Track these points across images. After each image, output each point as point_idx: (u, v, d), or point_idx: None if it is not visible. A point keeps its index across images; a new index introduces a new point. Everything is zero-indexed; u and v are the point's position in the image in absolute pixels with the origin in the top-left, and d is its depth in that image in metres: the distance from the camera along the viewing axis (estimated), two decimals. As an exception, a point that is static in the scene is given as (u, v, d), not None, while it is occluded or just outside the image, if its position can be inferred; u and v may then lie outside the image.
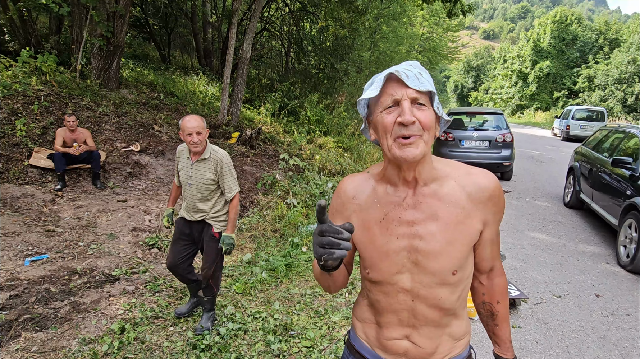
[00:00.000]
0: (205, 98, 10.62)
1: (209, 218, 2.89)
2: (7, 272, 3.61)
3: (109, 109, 7.74)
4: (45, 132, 6.49)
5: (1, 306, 3.05)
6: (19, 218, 4.78)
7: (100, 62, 8.34)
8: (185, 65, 15.75)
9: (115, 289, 3.53)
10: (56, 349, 2.68)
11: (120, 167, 6.57)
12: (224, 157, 2.82)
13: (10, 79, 7.09)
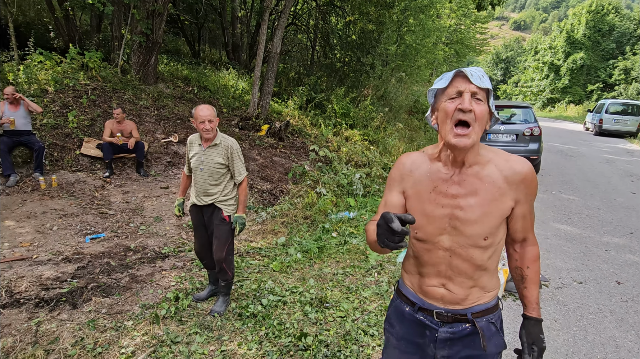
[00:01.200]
0: (236, 92, 11.01)
1: (218, 201, 3.10)
2: (72, 247, 4.07)
3: (149, 102, 8.22)
4: (93, 123, 7.01)
5: (72, 275, 3.49)
6: (75, 201, 5.27)
7: (139, 57, 8.82)
8: (215, 59, 16.23)
9: (166, 264, 3.93)
10: (122, 312, 3.08)
11: (160, 157, 7.02)
12: (234, 143, 3.09)
13: (60, 75, 7.65)
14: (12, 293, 3.18)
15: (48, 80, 7.35)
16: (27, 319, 2.88)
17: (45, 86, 7.26)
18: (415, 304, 1.46)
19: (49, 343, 2.67)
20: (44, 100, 6.91)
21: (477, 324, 1.38)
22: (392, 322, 1.55)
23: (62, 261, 3.75)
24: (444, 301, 1.40)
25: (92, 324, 2.87)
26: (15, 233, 4.26)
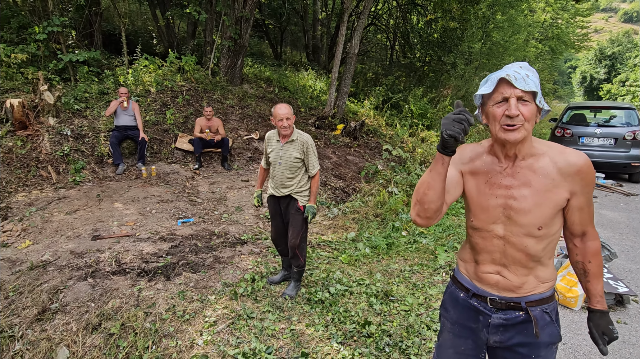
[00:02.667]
0: (314, 92, 11.39)
1: (294, 192, 3.33)
2: (167, 229, 4.62)
3: (234, 102, 8.87)
4: (187, 120, 7.77)
5: (167, 252, 3.98)
6: (170, 189, 5.93)
7: (228, 61, 9.55)
8: (295, 60, 16.89)
9: (245, 249, 4.29)
10: (206, 287, 3.45)
11: (242, 152, 7.57)
12: (309, 139, 3.29)
13: (161, 77, 8.59)
14: (120, 263, 3.73)
15: (151, 82, 8.30)
16: (131, 286, 3.37)
17: (148, 87, 8.21)
18: (470, 290, 1.52)
19: (147, 306, 3.11)
20: (147, 100, 7.83)
21: (530, 312, 1.40)
22: (447, 307, 1.62)
23: (159, 240, 4.29)
24: (498, 288, 1.45)
25: (182, 295, 3.27)
26: (122, 214, 4.94)
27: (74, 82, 8.20)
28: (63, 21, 7.91)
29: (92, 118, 7.02)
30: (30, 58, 7.71)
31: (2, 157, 5.77)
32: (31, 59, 7.80)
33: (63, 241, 4.26)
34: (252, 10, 9.09)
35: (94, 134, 6.67)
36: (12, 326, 3.02)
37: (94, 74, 8.56)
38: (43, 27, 7.76)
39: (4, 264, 3.84)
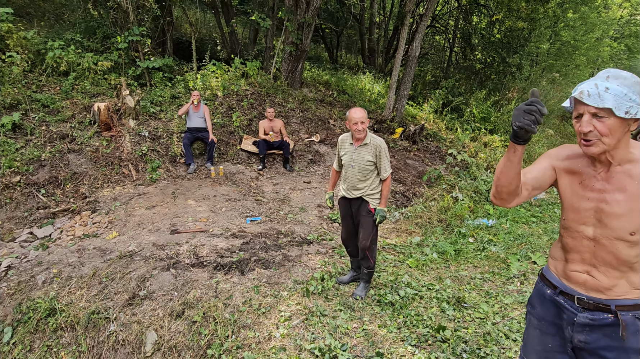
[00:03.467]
0: (372, 95, 11.38)
1: (365, 195, 3.36)
2: (237, 226, 4.84)
3: (295, 105, 9.09)
4: (251, 123, 8.08)
5: (239, 248, 4.18)
6: (237, 188, 6.20)
7: (289, 65, 9.81)
8: (351, 64, 16.95)
9: (311, 249, 4.39)
10: (278, 283, 3.58)
11: (303, 154, 7.73)
12: (382, 143, 3.32)
13: (227, 82, 9.00)
14: (197, 256, 3.96)
15: (218, 86, 8.72)
16: (209, 278, 3.58)
17: (216, 91, 8.64)
18: (557, 287, 1.52)
19: (225, 298, 3.29)
20: (214, 103, 8.25)
21: (620, 316, 1.36)
22: (533, 303, 1.62)
23: (231, 236, 4.51)
24: (586, 287, 1.43)
25: (257, 289, 3.42)
26: (195, 211, 5.24)
27: (150, 87, 8.82)
28: (141, 31, 8.55)
29: (166, 121, 7.52)
30: (113, 65, 8.39)
31: (91, 156, 6.34)
32: (114, 66, 8.49)
33: (145, 234, 4.61)
34: (314, 15, 9.27)
35: (168, 135, 7.13)
36: (107, 309, 3.31)
37: (167, 79, 9.16)
38: (124, 36, 8.44)
39: (96, 252, 4.22)
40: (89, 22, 9.65)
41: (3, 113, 6.41)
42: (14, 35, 7.52)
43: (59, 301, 3.43)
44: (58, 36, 9.01)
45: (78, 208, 5.48)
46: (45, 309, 3.34)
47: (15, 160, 5.84)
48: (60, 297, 3.49)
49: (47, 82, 7.47)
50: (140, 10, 9.25)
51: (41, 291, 3.62)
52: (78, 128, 6.67)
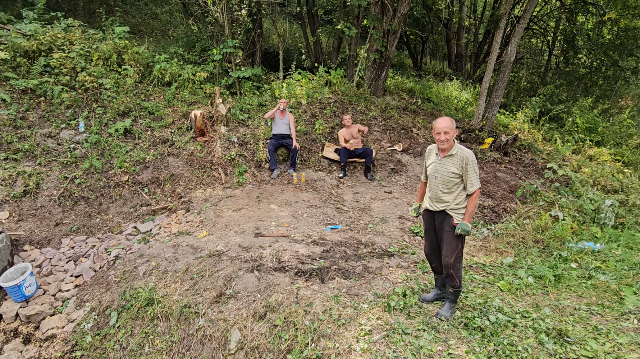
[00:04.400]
0: (459, 103, 10.85)
1: (449, 209, 3.17)
2: (317, 233, 4.88)
3: (377, 113, 8.99)
4: (333, 130, 8.15)
5: (319, 256, 4.20)
6: (318, 195, 6.26)
7: (372, 73, 9.75)
8: (436, 70, 16.38)
9: (392, 262, 4.26)
10: (358, 294, 3.52)
11: (385, 164, 7.60)
12: (470, 155, 3.07)
13: (311, 90, 9.21)
14: (280, 260, 4.06)
15: (302, 95, 8.96)
16: (290, 283, 3.63)
17: (300, 99, 8.88)
18: None
19: (306, 305, 3.30)
20: (299, 111, 8.48)
21: None
22: None
23: (311, 243, 4.55)
24: None
25: (337, 299, 3.38)
26: (278, 215, 5.40)
27: (240, 95, 9.36)
28: (234, 43, 9.12)
29: (253, 127, 7.89)
30: (208, 76, 9.05)
31: (187, 159, 6.87)
32: (209, 77, 9.16)
33: (232, 235, 4.84)
34: (400, 22, 9.12)
35: (255, 141, 7.48)
36: (197, 304, 3.52)
37: (255, 88, 9.65)
38: (219, 49, 9.07)
39: (189, 249, 4.53)
40: (190, 37, 10.54)
41: (118, 119, 7.24)
42: (129, 50, 8.48)
43: (157, 292, 3.73)
44: (164, 50, 9.98)
45: (174, 207, 5.96)
46: (145, 298, 3.65)
47: (125, 161, 6.54)
48: (157, 289, 3.79)
49: (153, 92, 8.29)
50: (234, 24, 9.89)
51: (142, 282, 3.97)
52: (177, 134, 7.28)
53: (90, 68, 7.68)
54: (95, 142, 6.71)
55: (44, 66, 7.58)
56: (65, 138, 6.68)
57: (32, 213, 5.65)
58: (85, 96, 7.40)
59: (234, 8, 9.83)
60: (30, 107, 6.92)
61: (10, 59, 7.27)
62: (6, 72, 7.14)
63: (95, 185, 6.19)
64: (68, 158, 6.36)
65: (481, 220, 6.01)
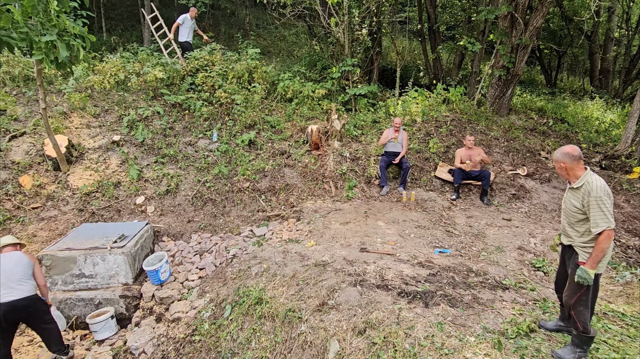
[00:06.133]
0: (601, 124, 9.48)
1: (575, 245, 2.86)
2: (424, 255, 4.70)
3: (499, 134, 8.35)
4: (447, 150, 7.81)
5: (425, 279, 4.04)
6: (427, 216, 6.05)
7: (496, 90, 9.11)
8: (574, 88, 14.60)
9: (506, 296, 3.87)
10: (465, 325, 3.28)
11: (505, 188, 6.99)
12: (595, 190, 2.66)
13: (427, 107, 8.99)
14: (383, 278, 4.01)
15: (418, 112, 8.80)
16: (392, 303, 3.56)
17: (415, 117, 8.73)
18: None
19: (407, 327, 3.19)
20: (412, 128, 8.34)
21: None
22: None
23: (417, 265, 4.40)
24: None
25: (441, 326, 3.20)
26: (384, 232, 5.35)
27: (354, 111, 9.61)
28: (353, 62, 9.43)
29: (365, 144, 8.00)
30: (326, 93, 9.49)
31: (301, 170, 7.27)
32: (327, 94, 9.60)
33: (338, 247, 4.95)
34: (532, 36, 8.40)
35: (366, 157, 7.56)
36: (301, 310, 3.66)
37: (370, 105, 9.80)
38: (339, 67, 9.46)
39: (297, 256, 4.76)
40: (312, 56, 11.22)
41: (244, 131, 8.03)
42: (259, 69, 9.38)
43: (266, 293, 4.00)
44: (288, 69, 10.80)
45: (287, 215, 6.34)
46: (255, 297, 3.93)
47: (248, 170, 7.19)
48: (266, 290, 4.06)
49: (276, 107, 9.00)
50: (354, 43, 10.23)
51: (254, 281, 4.29)
52: (294, 146, 7.77)
53: (226, 85, 8.70)
54: (224, 150, 7.54)
55: (190, 84, 8.82)
56: (201, 147, 7.64)
57: (171, 210, 6.56)
58: (220, 110, 8.38)
59: (355, 28, 10.18)
60: (177, 118, 8.10)
61: (166, 79, 8.63)
62: (162, 89, 8.50)
63: (221, 189, 6.93)
64: (202, 164, 7.25)
65: (623, 261, 5.11)
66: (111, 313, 4.63)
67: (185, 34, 9.45)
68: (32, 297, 3.78)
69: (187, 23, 9.34)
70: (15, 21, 3.30)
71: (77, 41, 3.87)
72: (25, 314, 3.74)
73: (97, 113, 7.77)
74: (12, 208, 6.09)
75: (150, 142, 7.45)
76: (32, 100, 7.68)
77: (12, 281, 3.70)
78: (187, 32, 9.45)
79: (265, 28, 18.25)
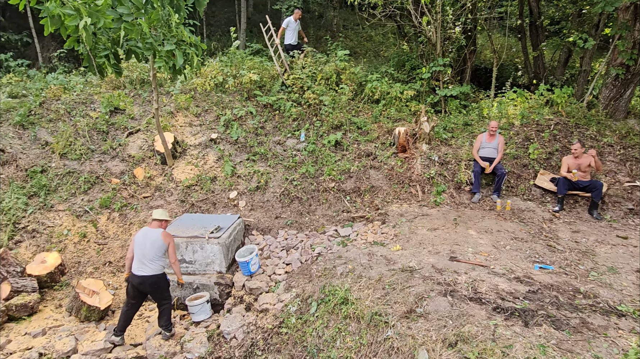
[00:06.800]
0: None
1: None
2: (522, 270, 4.34)
3: (614, 140, 7.42)
4: (550, 157, 7.14)
5: (524, 296, 3.72)
6: (525, 228, 5.58)
7: (612, 91, 8.10)
8: None
9: (623, 324, 3.41)
10: (572, 351, 2.95)
11: (620, 202, 6.19)
12: None
13: (527, 110, 8.30)
14: (476, 290, 3.78)
15: (516, 115, 8.17)
16: (487, 318, 3.33)
17: (512, 120, 8.12)
18: None
19: (504, 346, 2.97)
20: (509, 133, 7.76)
21: None
22: None
23: (514, 279, 4.07)
24: None
25: (543, 349, 2.92)
26: (476, 242, 5.05)
27: (444, 113, 9.22)
28: (445, 61, 9.05)
29: (456, 147, 7.63)
30: (415, 94, 9.25)
31: (387, 173, 7.17)
32: (415, 95, 9.34)
33: (425, 254, 4.79)
34: (661, 29, 7.32)
35: (456, 162, 7.21)
36: (387, 314, 3.60)
37: (462, 107, 9.33)
38: (429, 67, 9.15)
39: (382, 260, 4.70)
40: (401, 57, 11.01)
41: (331, 132, 8.14)
42: (347, 71, 9.45)
43: (351, 293, 4.00)
44: (375, 70, 10.73)
45: (371, 217, 6.30)
46: (341, 297, 3.96)
47: (333, 170, 7.28)
48: (352, 290, 4.06)
49: (363, 108, 8.99)
50: (446, 42, 9.83)
51: (339, 281, 4.32)
52: (380, 148, 7.69)
53: (314, 87, 8.90)
54: (311, 150, 7.72)
55: (281, 85, 9.19)
56: (290, 146, 7.91)
57: (260, 205, 6.89)
58: (308, 111, 8.60)
59: (448, 26, 9.77)
60: (268, 118, 8.49)
61: (259, 80, 9.09)
62: (255, 90, 8.97)
63: (307, 188, 7.11)
64: (290, 163, 7.51)
65: None
66: (207, 297, 5.00)
67: (290, 36, 9.86)
68: (159, 276, 4.37)
69: (292, 25, 9.74)
70: (143, 33, 3.72)
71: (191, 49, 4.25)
72: (150, 289, 4.40)
73: (198, 113, 8.45)
74: (127, 196, 6.88)
75: (244, 140, 7.90)
76: (145, 101, 8.60)
77: (145, 259, 4.29)
78: (292, 34, 9.85)
79: (352, 29, 18.36)
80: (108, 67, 3.79)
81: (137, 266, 4.31)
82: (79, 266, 5.90)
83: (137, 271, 4.30)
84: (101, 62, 3.78)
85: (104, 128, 7.76)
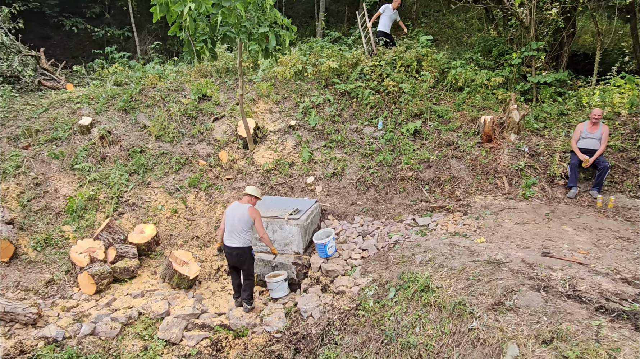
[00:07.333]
0: None
1: None
2: (629, 271, 3.88)
3: None
4: (665, 150, 6.26)
5: (633, 298, 3.32)
6: (632, 227, 4.97)
7: None
8: None
9: None
10: (698, 365, 2.58)
11: None
12: None
13: (637, 97, 7.35)
14: (574, 288, 3.45)
15: (624, 104, 7.28)
16: (588, 317, 3.03)
17: (619, 109, 7.26)
18: None
19: (610, 348, 2.67)
20: (614, 123, 6.95)
21: None
22: None
23: (620, 280, 3.65)
24: None
25: (661, 358, 2.59)
26: (573, 239, 4.61)
27: (536, 102, 8.50)
28: (539, 45, 8.31)
29: (549, 138, 7.01)
30: (503, 81, 8.64)
31: (469, 163, 6.81)
32: (503, 82, 8.73)
33: (513, 247, 4.48)
34: None
35: (549, 154, 6.63)
36: (472, 305, 3.43)
37: (557, 95, 8.53)
38: (520, 52, 8.48)
39: (465, 251, 4.48)
40: (487, 42, 10.34)
41: (410, 120, 7.92)
42: (428, 57, 9.11)
43: (432, 282, 3.88)
44: (459, 56, 10.19)
45: (452, 208, 6.03)
46: (421, 284, 3.86)
47: (412, 159, 7.08)
48: (433, 279, 3.93)
49: (444, 96, 8.62)
50: (541, 25, 9.03)
51: (418, 269, 4.21)
52: (463, 138, 7.31)
53: (394, 74, 8.70)
54: (389, 138, 7.58)
55: (359, 73, 9.12)
56: (367, 134, 7.84)
57: (337, 191, 6.94)
58: (387, 99, 8.44)
59: (544, 7, 8.95)
60: (345, 106, 8.48)
61: (337, 68, 9.11)
62: (333, 78, 9.00)
63: (384, 176, 7.01)
64: (366, 151, 7.45)
65: None
66: (285, 276, 5.17)
67: (384, 23, 9.74)
68: (245, 248, 4.65)
69: (388, 12, 9.61)
70: (239, 17, 3.91)
71: (283, 31, 4.37)
72: (236, 260, 4.70)
73: (278, 100, 8.71)
74: (212, 177, 7.33)
75: (321, 128, 7.99)
76: (230, 88, 9.06)
77: (233, 231, 4.61)
78: (387, 21, 9.72)
79: (433, 15, 17.63)
80: (206, 51, 4.04)
81: (227, 237, 4.64)
82: (170, 238, 6.43)
83: (227, 242, 4.64)
84: (199, 47, 4.03)
85: (193, 113, 8.32)
